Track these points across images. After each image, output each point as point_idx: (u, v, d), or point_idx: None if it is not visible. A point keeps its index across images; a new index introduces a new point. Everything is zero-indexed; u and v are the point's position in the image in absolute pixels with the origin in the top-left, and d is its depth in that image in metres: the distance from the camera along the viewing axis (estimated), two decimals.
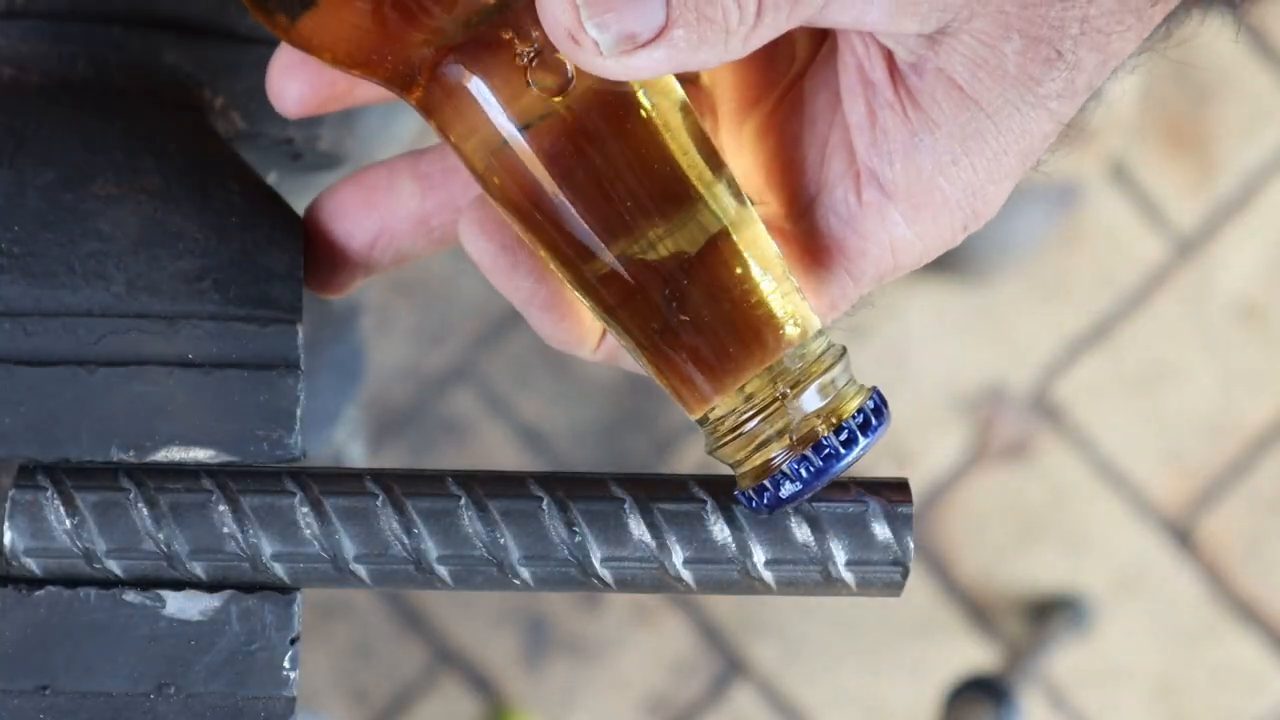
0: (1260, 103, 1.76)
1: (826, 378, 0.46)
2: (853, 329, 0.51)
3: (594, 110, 0.45)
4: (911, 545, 0.49)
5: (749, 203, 0.47)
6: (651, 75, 0.44)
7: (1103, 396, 1.74)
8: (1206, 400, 1.74)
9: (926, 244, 0.47)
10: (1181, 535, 1.73)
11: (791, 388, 0.46)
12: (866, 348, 1.72)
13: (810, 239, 0.49)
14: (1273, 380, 1.74)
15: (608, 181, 0.46)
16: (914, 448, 1.73)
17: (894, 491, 0.49)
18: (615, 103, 0.46)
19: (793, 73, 0.50)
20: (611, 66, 0.43)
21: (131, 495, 0.48)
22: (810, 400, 0.46)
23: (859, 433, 0.46)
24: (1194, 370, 1.74)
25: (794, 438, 0.46)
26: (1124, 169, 1.75)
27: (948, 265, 1.69)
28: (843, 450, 0.46)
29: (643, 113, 0.46)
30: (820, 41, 0.50)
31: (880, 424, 0.47)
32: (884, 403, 0.47)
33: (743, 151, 0.51)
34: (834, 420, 0.46)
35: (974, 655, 1.71)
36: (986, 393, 1.74)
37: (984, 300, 1.74)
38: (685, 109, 0.47)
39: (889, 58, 0.46)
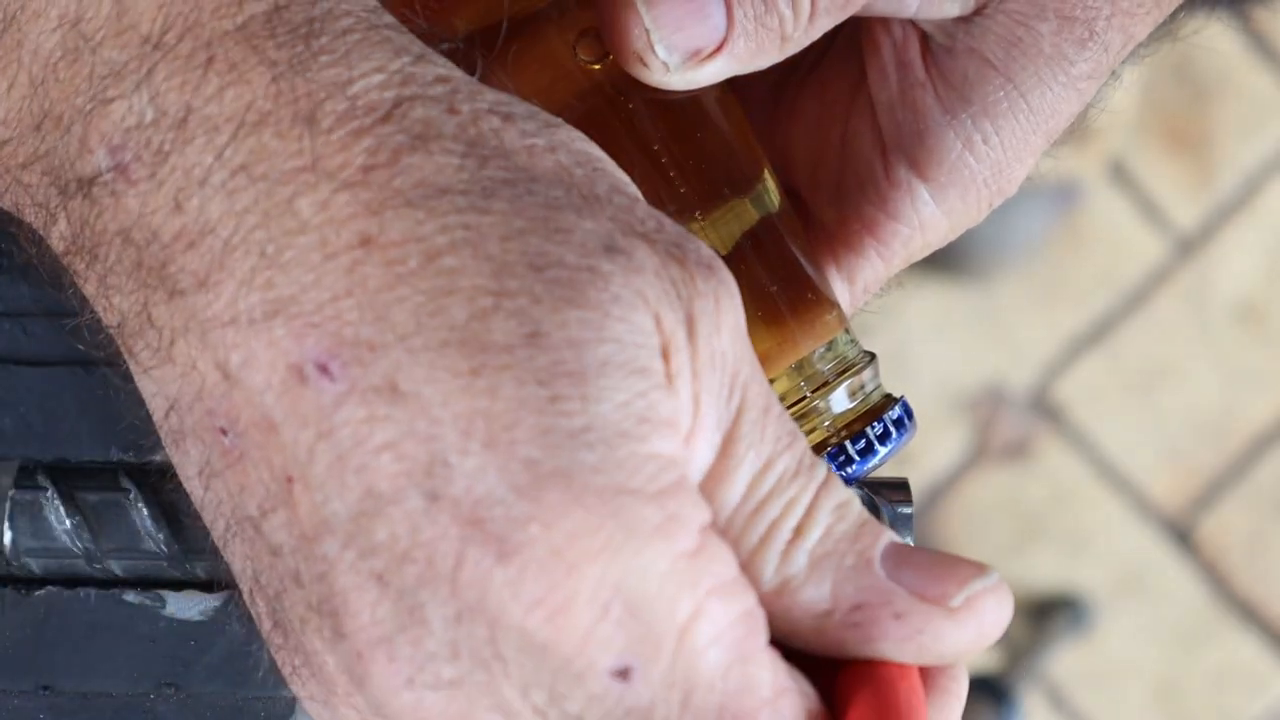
0: (1260, 103, 1.76)
1: (855, 382, 0.46)
2: (853, 329, 0.51)
3: (639, 88, 0.45)
4: (912, 545, 0.49)
5: (783, 195, 0.47)
6: (710, 83, 0.44)
7: (1103, 396, 1.74)
8: (1206, 400, 1.74)
9: (953, 221, 0.48)
10: (1181, 535, 1.73)
11: (816, 389, 0.46)
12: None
13: (839, 224, 0.49)
14: (1273, 380, 1.74)
15: (651, 158, 0.46)
16: (914, 448, 1.73)
17: (894, 491, 0.49)
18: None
19: (809, 59, 0.50)
20: (675, 80, 0.43)
21: (131, 495, 0.48)
22: (836, 404, 0.46)
23: (877, 442, 0.46)
24: (1194, 370, 1.74)
25: (815, 441, 0.46)
26: (1124, 169, 1.75)
27: (948, 265, 1.69)
28: (858, 459, 0.46)
29: (689, 94, 0.46)
30: (837, 27, 0.50)
31: (901, 434, 0.46)
32: (909, 414, 0.47)
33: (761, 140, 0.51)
34: (855, 427, 0.46)
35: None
36: (986, 393, 1.74)
37: (984, 300, 1.74)
38: (728, 95, 0.47)
39: (923, 39, 0.46)
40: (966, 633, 0.36)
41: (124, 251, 0.35)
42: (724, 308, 0.35)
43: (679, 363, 0.34)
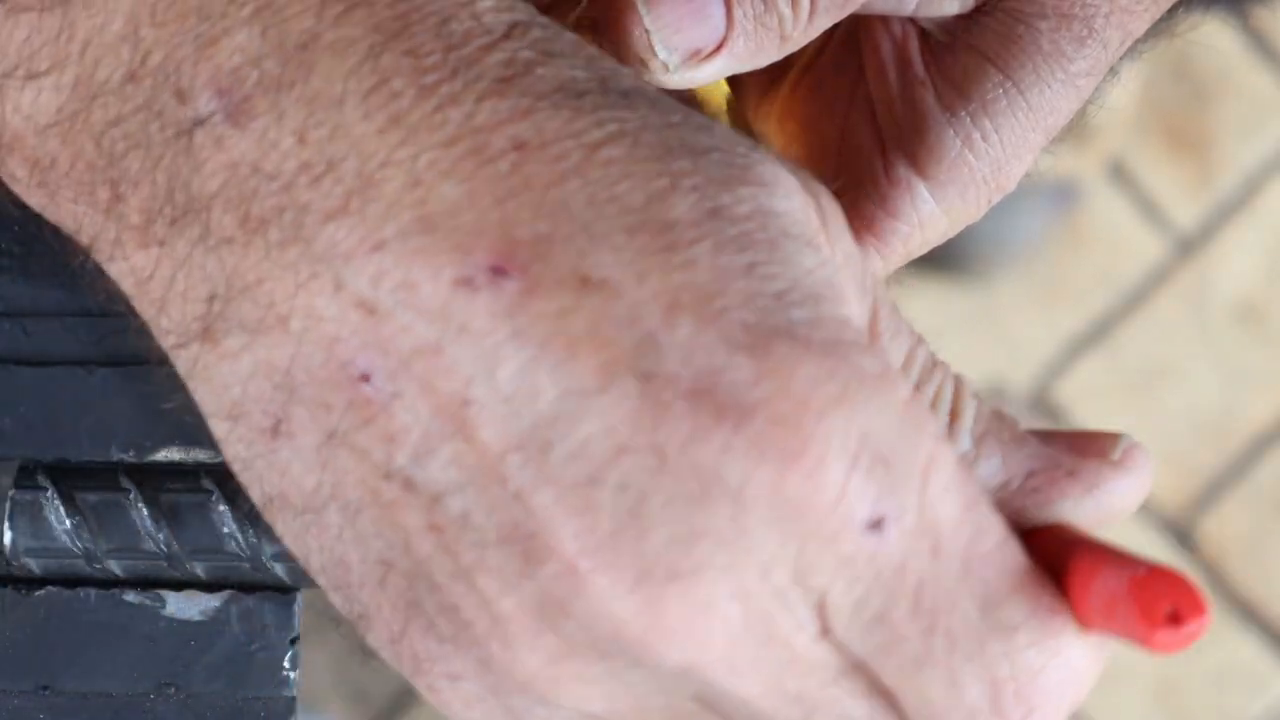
0: (1260, 103, 1.76)
1: None
2: None
3: None
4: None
5: None
6: (709, 82, 0.44)
7: (1103, 396, 1.74)
8: (1206, 400, 1.74)
9: (952, 219, 0.48)
10: (1181, 535, 1.73)
11: None
12: None
13: None
14: (1273, 380, 1.74)
15: None
16: None
17: None
18: None
19: (807, 56, 0.50)
20: (674, 80, 0.43)
21: (131, 495, 0.48)
22: None
23: None
24: (1194, 370, 1.74)
25: None
26: (1124, 169, 1.75)
27: (947, 265, 1.69)
28: None
29: (685, 91, 0.46)
30: (835, 24, 0.50)
31: None
32: None
33: (761, 138, 0.51)
34: None
35: None
36: (986, 393, 1.74)
37: (984, 300, 1.74)
38: (725, 91, 0.47)
39: (922, 36, 0.46)
40: (1132, 483, 0.36)
41: (226, 210, 0.34)
42: (840, 211, 0.35)
43: (827, 251, 0.34)
